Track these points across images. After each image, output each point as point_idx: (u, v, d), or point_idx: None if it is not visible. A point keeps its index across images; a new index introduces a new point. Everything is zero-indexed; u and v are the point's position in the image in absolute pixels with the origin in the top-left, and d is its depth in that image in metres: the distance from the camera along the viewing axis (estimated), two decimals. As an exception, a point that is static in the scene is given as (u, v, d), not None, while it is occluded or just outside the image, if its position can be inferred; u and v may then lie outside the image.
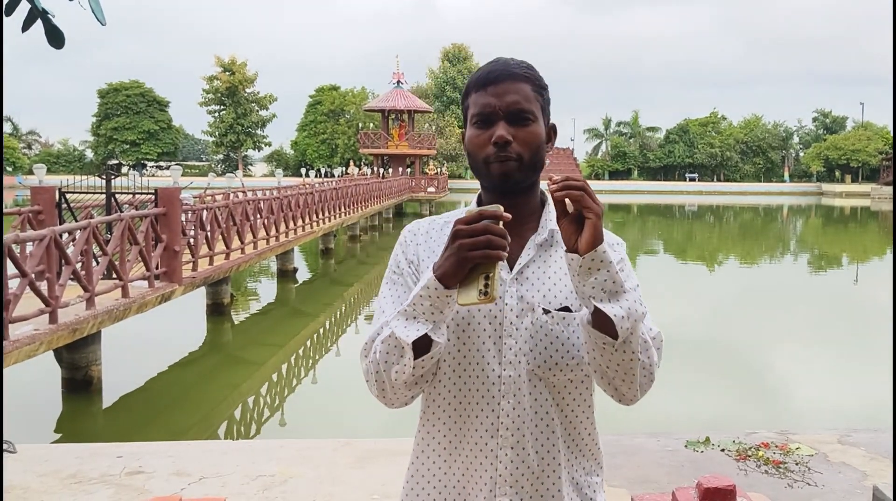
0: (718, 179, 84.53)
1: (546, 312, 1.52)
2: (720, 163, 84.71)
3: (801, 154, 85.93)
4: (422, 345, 1.43)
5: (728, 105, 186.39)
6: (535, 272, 1.55)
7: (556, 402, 1.55)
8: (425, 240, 1.62)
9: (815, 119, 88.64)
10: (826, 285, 21.54)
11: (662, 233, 37.83)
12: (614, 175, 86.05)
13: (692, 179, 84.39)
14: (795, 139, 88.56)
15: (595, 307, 1.40)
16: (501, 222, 1.36)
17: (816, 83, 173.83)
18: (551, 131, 1.61)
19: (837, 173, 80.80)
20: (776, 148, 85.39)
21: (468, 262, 1.34)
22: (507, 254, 1.35)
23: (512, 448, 1.52)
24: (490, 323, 1.52)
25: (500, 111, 1.51)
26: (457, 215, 1.61)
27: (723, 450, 4.93)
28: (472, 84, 1.57)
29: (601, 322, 1.41)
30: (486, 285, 1.34)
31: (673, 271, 23.76)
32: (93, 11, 4.36)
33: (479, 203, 1.60)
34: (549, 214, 1.59)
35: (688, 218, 49.99)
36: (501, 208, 1.36)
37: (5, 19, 4.42)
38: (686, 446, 4.99)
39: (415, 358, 1.43)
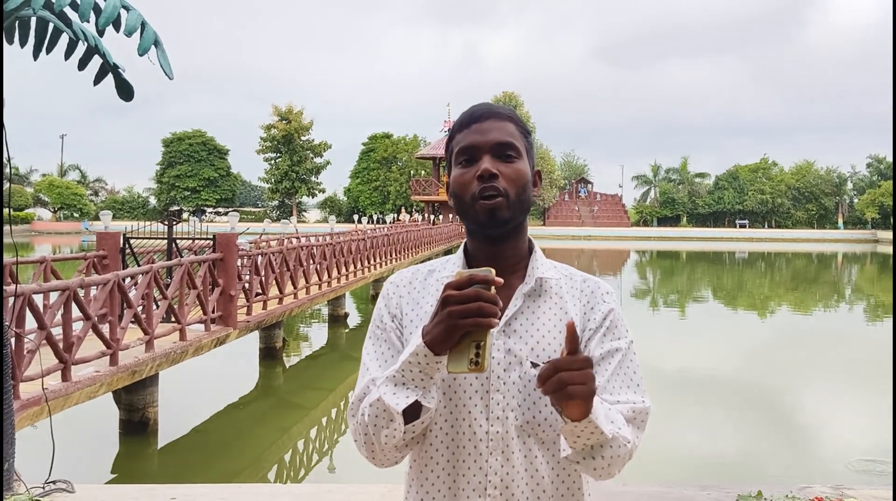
0: (769, 226, 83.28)
1: (534, 365, 1.44)
2: (771, 209, 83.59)
3: (856, 200, 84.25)
4: (412, 410, 1.38)
5: (775, 152, 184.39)
6: (522, 324, 1.48)
7: (546, 459, 1.46)
8: (408, 292, 1.55)
9: (868, 165, 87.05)
10: (883, 334, 21.00)
11: (712, 280, 37.33)
12: (663, 221, 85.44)
13: (742, 226, 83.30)
14: (849, 185, 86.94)
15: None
16: (493, 288, 1.28)
17: (863, 130, 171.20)
18: (537, 176, 1.56)
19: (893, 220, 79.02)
20: (829, 194, 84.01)
21: (458, 330, 1.28)
22: (498, 322, 1.29)
23: None
24: (477, 377, 1.45)
25: (484, 147, 1.48)
26: (442, 264, 1.59)
27: (775, 504, 4.87)
28: (455, 126, 1.55)
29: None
30: (476, 355, 1.27)
31: (724, 319, 23.42)
32: (161, 66, 4.63)
33: (465, 252, 1.56)
34: (537, 261, 1.53)
35: (738, 265, 49.22)
36: (493, 272, 1.30)
37: (79, 73, 4.71)
38: (737, 500, 4.94)
39: (405, 423, 1.38)
